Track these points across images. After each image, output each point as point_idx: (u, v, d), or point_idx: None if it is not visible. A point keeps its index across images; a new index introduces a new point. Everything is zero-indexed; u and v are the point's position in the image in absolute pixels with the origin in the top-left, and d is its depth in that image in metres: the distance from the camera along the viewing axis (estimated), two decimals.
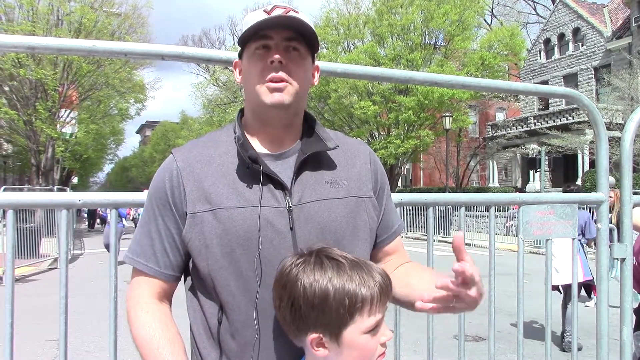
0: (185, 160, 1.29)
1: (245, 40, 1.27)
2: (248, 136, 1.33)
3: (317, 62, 1.40)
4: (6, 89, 22.84)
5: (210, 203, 1.23)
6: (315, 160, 1.31)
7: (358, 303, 1.08)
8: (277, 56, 1.23)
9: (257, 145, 1.32)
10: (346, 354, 1.10)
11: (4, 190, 13.96)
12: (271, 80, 1.24)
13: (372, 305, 1.09)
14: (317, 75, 1.40)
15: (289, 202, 1.24)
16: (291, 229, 1.23)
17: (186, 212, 1.25)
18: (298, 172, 1.28)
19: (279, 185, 1.25)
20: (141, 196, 1.58)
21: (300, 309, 1.10)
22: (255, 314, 1.21)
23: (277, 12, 1.24)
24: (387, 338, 1.12)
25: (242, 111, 1.41)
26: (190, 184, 1.26)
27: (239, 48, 1.34)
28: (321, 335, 1.10)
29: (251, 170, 1.24)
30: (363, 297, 1.08)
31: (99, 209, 12.87)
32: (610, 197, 7.39)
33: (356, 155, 1.39)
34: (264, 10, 1.27)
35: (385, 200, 1.43)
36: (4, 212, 1.57)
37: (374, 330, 1.10)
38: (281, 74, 1.24)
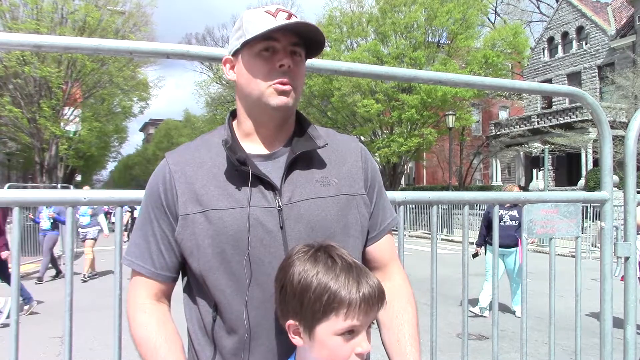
0: (177, 163, 1.32)
1: (252, 40, 1.28)
2: (239, 137, 1.35)
3: (309, 63, 1.43)
4: (10, 86, 22.89)
5: (201, 205, 1.25)
6: (306, 159, 1.33)
7: (335, 303, 1.09)
8: (287, 60, 1.26)
9: (248, 146, 1.33)
10: (317, 351, 1.12)
11: (9, 187, 13.98)
12: (279, 83, 1.26)
13: (349, 310, 1.09)
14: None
15: (278, 202, 1.26)
16: (281, 228, 1.25)
17: (178, 214, 1.27)
18: (288, 171, 1.30)
19: (268, 185, 1.27)
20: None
21: (286, 294, 1.14)
22: (245, 312, 1.23)
23: (282, 15, 1.26)
24: (362, 350, 1.11)
25: (232, 112, 1.42)
26: (182, 187, 1.28)
27: (236, 45, 1.33)
28: (297, 323, 1.13)
29: (240, 172, 1.26)
30: (341, 299, 1.09)
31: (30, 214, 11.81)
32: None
33: (347, 153, 1.41)
34: (267, 12, 1.28)
35: (375, 197, 1.43)
36: (9, 209, 1.57)
37: (348, 335, 1.10)
38: (288, 79, 1.27)
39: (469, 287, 2.02)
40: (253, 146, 1.34)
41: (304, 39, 1.29)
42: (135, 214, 16.36)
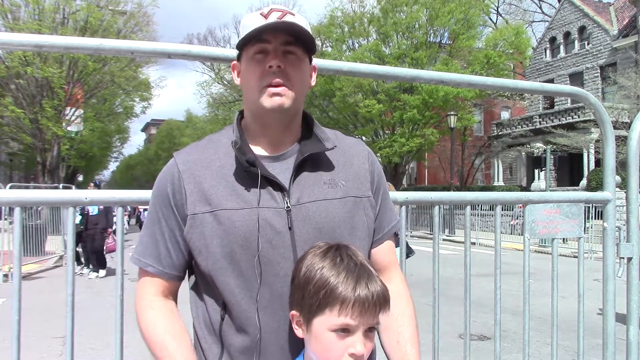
0: (185, 163, 1.32)
1: (243, 44, 1.29)
2: (247, 138, 1.36)
3: (314, 63, 1.42)
4: (12, 87, 22.93)
5: (210, 204, 1.26)
6: (314, 161, 1.33)
7: (330, 298, 1.11)
8: (275, 61, 1.26)
9: (256, 147, 1.34)
10: (313, 344, 1.14)
11: (11, 187, 13.97)
12: (270, 85, 1.26)
13: (342, 306, 1.10)
14: (314, 75, 1.42)
15: (287, 203, 1.26)
16: (290, 228, 1.25)
17: (187, 214, 1.28)
18: (296, 173, 1.30)
19: (277, 186, 1.28)
20: (146, 194, 1.59)
21: (294, 285, 1.19)
22: (256, 313, 1.24)
23: (274, 16, 1.26)
24: (355, 351, 1.11)
25: (241, 113, 1.43)
26: (190, 186, 1.29)
27: (237, 50, 1.36)
28: (299, 314, 1.17)
29: (249, 173, 1.26)
30: (336, 294, 1.11)
31: None
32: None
33: (354, 155, 1.41)
34: (261, 14, 1.29)
35: (380, 200, 1.44)
36: (10, 209, 1.58)
37: (342, 333, 1.11)
38: (280, 79, 1.26)
39: (471, 288, 2.02)
40: (261, 147, 1.35)
41: (298, 37, 1.28)
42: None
